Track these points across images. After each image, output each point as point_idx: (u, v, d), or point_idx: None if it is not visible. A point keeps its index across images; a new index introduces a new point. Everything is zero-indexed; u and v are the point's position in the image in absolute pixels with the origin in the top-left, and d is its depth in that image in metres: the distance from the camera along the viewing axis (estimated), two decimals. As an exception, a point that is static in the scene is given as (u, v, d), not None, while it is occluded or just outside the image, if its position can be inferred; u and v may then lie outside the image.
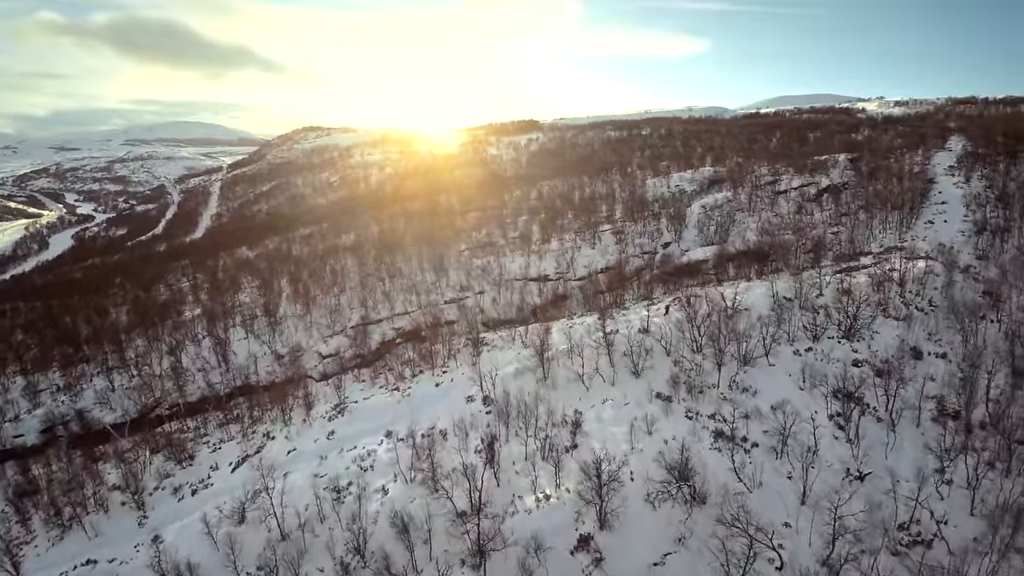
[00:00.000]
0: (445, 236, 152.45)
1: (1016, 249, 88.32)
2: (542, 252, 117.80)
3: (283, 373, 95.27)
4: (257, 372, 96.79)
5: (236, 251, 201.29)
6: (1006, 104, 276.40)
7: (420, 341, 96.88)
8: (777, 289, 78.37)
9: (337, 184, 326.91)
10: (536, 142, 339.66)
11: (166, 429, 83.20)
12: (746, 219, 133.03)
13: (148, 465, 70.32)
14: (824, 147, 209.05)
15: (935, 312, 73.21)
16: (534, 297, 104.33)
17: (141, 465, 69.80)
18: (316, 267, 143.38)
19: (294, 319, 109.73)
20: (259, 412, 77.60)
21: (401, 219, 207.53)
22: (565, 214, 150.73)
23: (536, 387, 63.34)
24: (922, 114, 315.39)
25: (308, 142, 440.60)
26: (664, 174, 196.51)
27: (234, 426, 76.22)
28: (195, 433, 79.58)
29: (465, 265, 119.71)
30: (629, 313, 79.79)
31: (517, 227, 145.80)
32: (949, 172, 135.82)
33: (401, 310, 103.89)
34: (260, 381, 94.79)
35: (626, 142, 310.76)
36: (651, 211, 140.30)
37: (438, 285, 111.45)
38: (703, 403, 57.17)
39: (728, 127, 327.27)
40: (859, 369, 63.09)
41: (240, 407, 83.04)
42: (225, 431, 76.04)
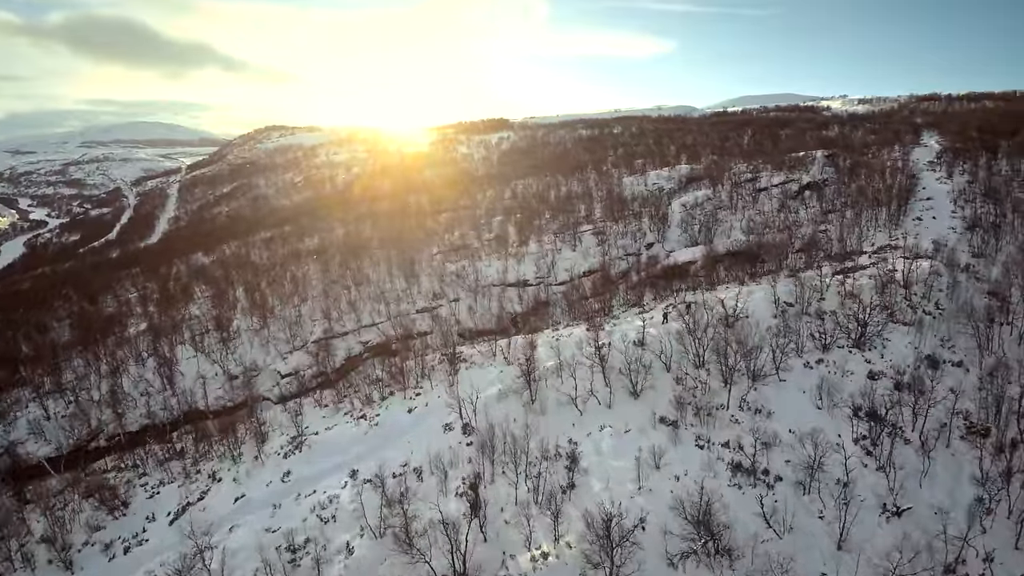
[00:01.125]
0: (416, 238, 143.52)
1: (1017, 247, 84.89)
2: (520, 255, 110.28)
3: (235, 397, 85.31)
4: (206, 396, 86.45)
5: (191, 257, 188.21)
6: (969, 100, 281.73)
7: (390, 355, 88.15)
8: (777, 294, 72.81)
9: (301, 185, 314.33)
10: (507, 141, 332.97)
11: (102, 466, 72.72)
12: (729, 218, 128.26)
13: (78, 514, 60.17)
14: (798, 144, 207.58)
15: (943, 316, 68.71)
16: (514, 304, 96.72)
17: (70, 513, 59.74)
18: (276, 274, 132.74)
19: (249, 334, 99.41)
20: (205, 446, 67.85)
21: (368, 221, 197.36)
22: (542, 214, 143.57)
23: (523, 412, 55.79)
24: (887, 111, 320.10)
25: (271, 142, 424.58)
26: (640, 172, 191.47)
27: (176, 464, 66.25)
28: (133, 472, 69.27)
29: (438, 270, 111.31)
30: (620, 322, 72.98)
31: (492, 228, 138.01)
32: (930, 168, 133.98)
33: (368, 321, 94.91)
34: (209, 407, 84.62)
35: (598, 140, 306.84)
36: (631, 210, 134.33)
37: (409, 293, 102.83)
38: (714, 428, 50.55)
39: (699, 125, 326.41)
40: (876, 382, 57.65)
41: (185, 439, 73.13)
42: (166, 470, 65.90)
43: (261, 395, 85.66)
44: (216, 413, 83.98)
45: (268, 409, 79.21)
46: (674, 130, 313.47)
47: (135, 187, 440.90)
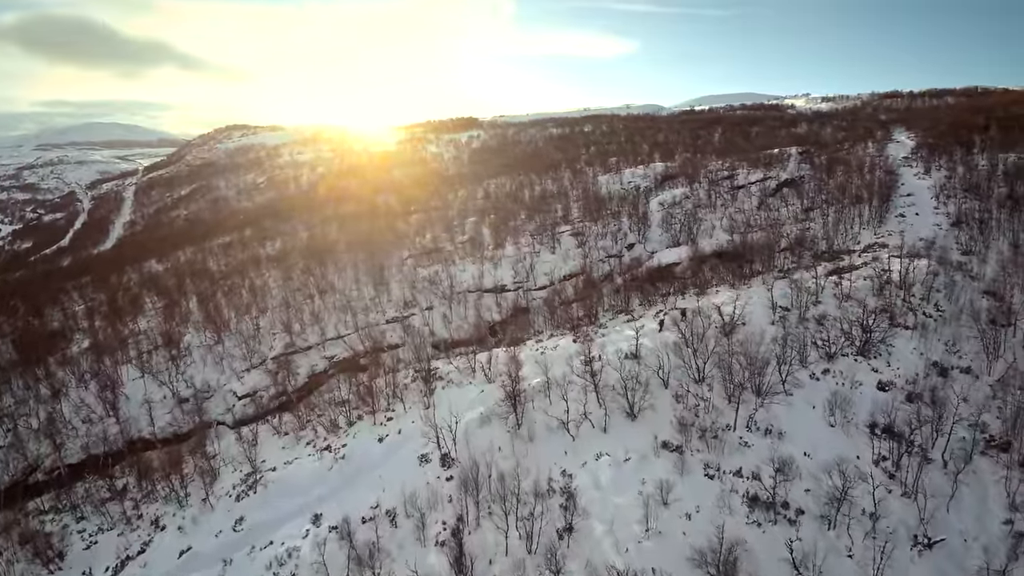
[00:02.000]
0: (385, 242, 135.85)
1: (1010, 245, 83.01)
2: (496, 258, 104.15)
3: (185, 423, 76.79)
4: (152, 423, 77.71)
5: (144, 264, 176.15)
6: (930, 96, 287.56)
7: (358, 371, 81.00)
8: (774, 298, 68.64)
9: (264, 186, 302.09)
10: (477, 139, 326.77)
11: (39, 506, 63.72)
12: (709, 216, 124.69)
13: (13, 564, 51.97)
14: (769, 142, 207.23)
15: (944, 318, 65.61)
16: (492, 312, 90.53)
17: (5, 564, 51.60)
18: (233, 283, 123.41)
19: (202, 350, 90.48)
20: (148, 484, 59.66)
21: (334, 223, 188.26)
22: (517, 215, 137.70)
23: (509, 439, 49.81)
24: (850, 109, 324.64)
25: (232, 141, 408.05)
26: (615, 170, 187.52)
27: (117, 507, 57.88)
28: (71, 515, 60.59)
29: (409, 276, 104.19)
30: (609, 331, 67.65)
31: (465, 230, 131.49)
32: (906, 164, 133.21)
33: (334, 334, 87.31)
34: (156, 435, 75.98)
35: (569, 139, 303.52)
36: (609, 210, 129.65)
37: (378, 301, 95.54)
38: (722, 454, 45.47)
39: (668, 123, 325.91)
40: (887, 395, 53.70)
41: (128, 475, 64.65)
42: (105, 514, 57.44)
43: (214, 420, 77.36)
44: (164, 442, 75.46)
45: (222, 437, 71.13)
46: (644, 128, 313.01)
47: (90, 191, 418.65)
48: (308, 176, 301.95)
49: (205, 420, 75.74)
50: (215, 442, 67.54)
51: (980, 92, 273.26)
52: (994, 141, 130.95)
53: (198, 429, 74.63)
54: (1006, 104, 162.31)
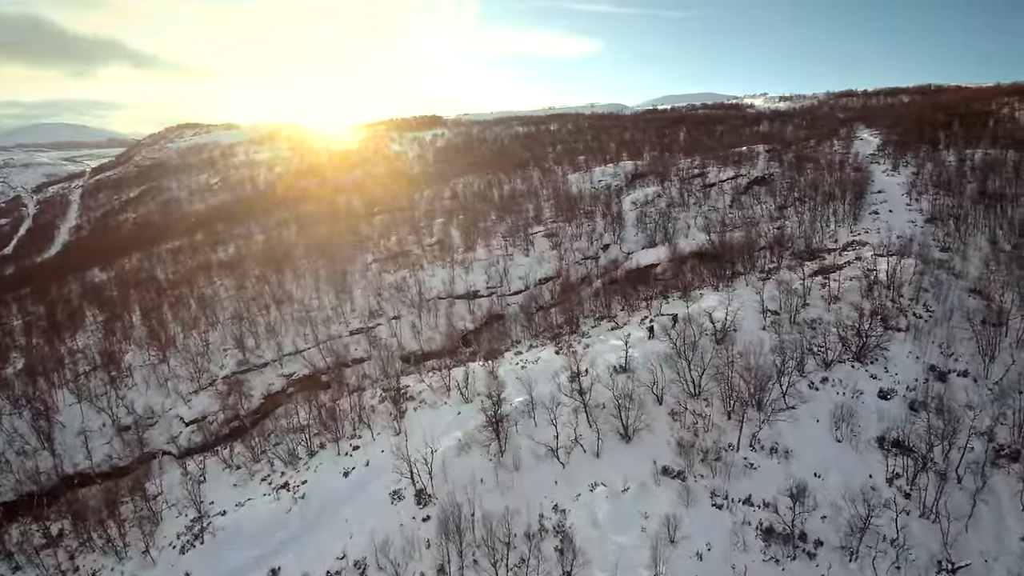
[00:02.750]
0: (347, 245, 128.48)
1: (988, 241, 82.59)
2: (467, 262, 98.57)
3: (127, 454, 68.67)
4: (90, 455, 69.25)
5: (89, 273, 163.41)
6: (885, 95, 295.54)
7: (320, 388, 74.34)
8: (763, 301, 65.55)
9: (217, 186, 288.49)
10: (441, 138, 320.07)
11: None
12: (684, 215, 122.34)
13: None
14: (735, 140, 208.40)
15: (934, 319, 63.65)
16: (464, 321, 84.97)
17: None
18: (181, 293, 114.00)
19: (145, 370, 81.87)
20: (84, 532, 51.70)
21: (292, 225, 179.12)
22: (487, 215, 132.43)
23: (492, 469, 44.54)
24: (807, 107, 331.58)
25: (184, 140, 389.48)
26: (584, 169, 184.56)
27: (50, 558, 49.83)
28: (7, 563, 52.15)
29: (374, 282, 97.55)
30: (593, 341, 63.12)
31: (433, 232, 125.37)
32: (874, 161, 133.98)
33: (291, 349, 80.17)
34: (95, 469, 67.63)
35: (535, 137, 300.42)
36: (582, 209, 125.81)
37: (340, 311, 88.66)
38: (728, 479, 41.34)
39: (633, 122, 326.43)
40: (889, 404, 50.89)
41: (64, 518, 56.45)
42: (40, 565, 49.34)
43: (158, 450, 69.57)
44: (104, 476, 67.34)
45: (167, 471, 63.54)
46: (610, 127, 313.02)
47: (36, 194, 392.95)
48: (265, 176, 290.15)
49: (148, 451, 67.93)
50: (158, 478, 59.93)
51: (934, 90, 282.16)
52: (958, 137, 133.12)
53: (140, 462, 66.80)
54: (966, 100, 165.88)
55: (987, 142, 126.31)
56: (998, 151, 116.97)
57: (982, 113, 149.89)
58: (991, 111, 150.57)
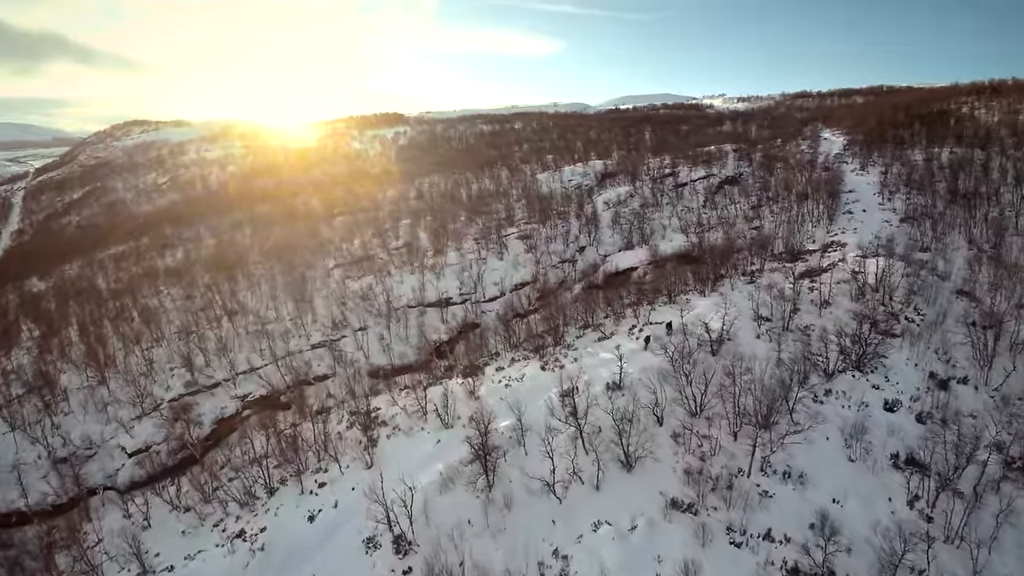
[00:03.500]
0: (306, 249, 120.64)
1: (966, 240, 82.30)
2: (438, 267, 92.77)
3: (65, 490, 60.18)
4: (26, 492, 60.44)
5: (28, 282, 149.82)
6: (839, 96, 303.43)
7: (279, 410, 67.52)
8: (756, 307, 62.50)
9: (166, 186, 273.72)
10: (404, 136, 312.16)
11: None
12: (658, 215, 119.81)
13: None
14: (701, 139, 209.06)
15: (926, 323, 61.90)
16: (438, 331, 79.20)
17: None
18: (123, 304, 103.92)
19: (83, 393, 72.89)
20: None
21: (246, 227, 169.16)
22: (456, 216, 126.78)
23: (480, 509, 39.36)
24: (765, 108, 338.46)
25: (131, 138, 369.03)
26: (553, 168, 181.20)
27: None
28: None
29: (337, 291, 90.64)
30: (581, 354, 58.60)
31: (399, 234, 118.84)
32: (841, 161, 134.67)
33: (246, 367, 72.73)
34: (30, 507, 59.02)
35: (501, 136, 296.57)
36: (555, 210, 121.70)
37: (300, 323, 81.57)
38: (744, 510, 37.42)
39: (598, 121, 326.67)
40: (896, 417, 48.28)
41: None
42: None
43: (99, 486, 61.37)
44: (42, 515, 58.99)
45: (109, 510, 55.75)
46: (575, 126, 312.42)
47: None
48: (217, 175, 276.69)
49: (88, 487, 59.79)
50: (99, 519, 52.44)
51: (886, 90, 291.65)
52: (921, 136, 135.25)
53: (79, 499, 58.70)
54: (926, 100, 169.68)
55: (951, 141, 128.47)
56: (964, 150, 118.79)
57: (942, 112, 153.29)
58: (950, 110, 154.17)
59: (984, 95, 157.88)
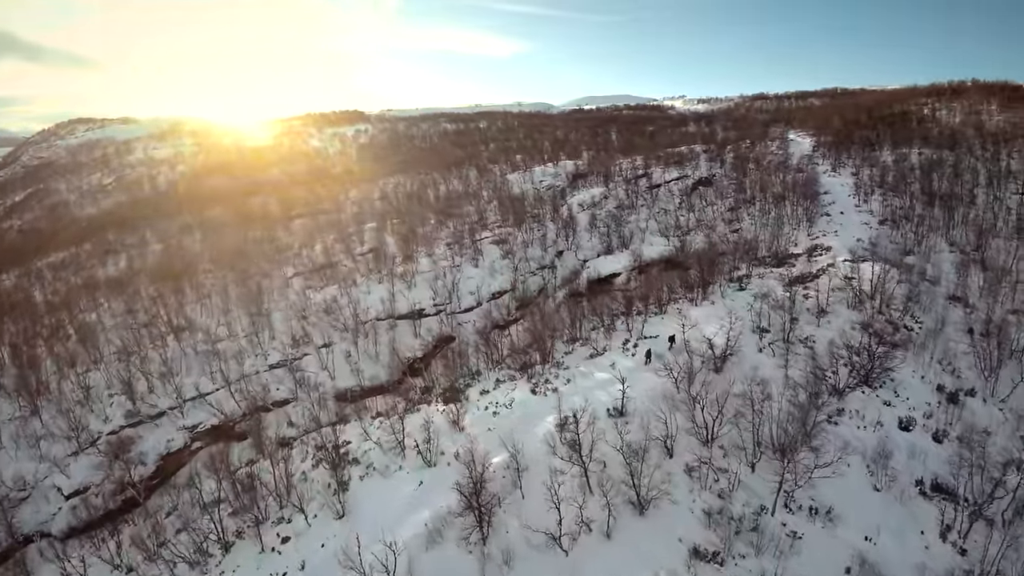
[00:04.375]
0: (262, 256, 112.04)
1: (948, 244, 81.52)
2: (408, 275, 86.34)
3: None
4: None
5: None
6: (796, 98, 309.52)
7: (233, 441, 60.18)
8: (758, 318, 59.06)
9: (112, 187, 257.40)
10: (365, 134, 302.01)
11: None
12: (635, 218, 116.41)
13: None
14: (669, 140, 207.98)
15: (925, 331, 59.76)
16: (411, 346, 72.92)
17: None
18: (59, 321, 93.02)
19: (15, 425, 63.28)
20: None
21: (197, 232, 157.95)
22: (425, 219, 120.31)
23: (477, 568, 33.86)
24: (725, 109, 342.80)
25: (75, 137, 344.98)
26: (523, 169, 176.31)
27: None
28: None
29: (297, 303, 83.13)
30: (574, 374, 53.65)
31: (364, 239, 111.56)
32: (812, 162, 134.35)
33: (194, 392, 64.74)
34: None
35: (465, 135, 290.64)
36: (530, 213, 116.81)
37: (256, 341, 73.88)
38: (775, 557, 33.18)
39: (564, 121, 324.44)
40: (912, 436, 45.32)
41: None
42: None
43: (34, 533, 52.78)
44: None
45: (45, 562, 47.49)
46: (541, 125, 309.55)
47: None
48: (166, 175, 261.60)
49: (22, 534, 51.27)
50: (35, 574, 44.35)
51: (840, 92, 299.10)
52: (886, 138, 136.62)
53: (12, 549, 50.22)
54: (887, 102, 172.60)
55: (918, 142, 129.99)
56: (932, 151, 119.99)
57: (904, 114, 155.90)
58: (911, 112, 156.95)
59: (945, 96, 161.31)
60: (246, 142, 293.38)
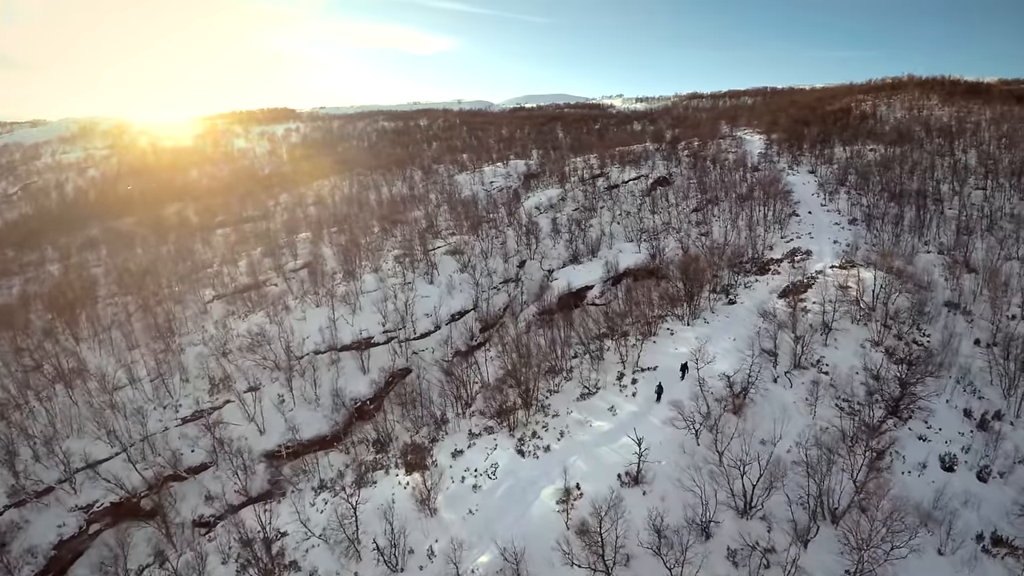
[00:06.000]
0: (176, 275, 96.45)
1: (923, 243, 78.46)
2: (351, 296, 74.53)
3: None
4: None
5: None
6: (728, 96, 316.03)
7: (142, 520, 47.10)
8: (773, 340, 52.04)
9: (17, 197, 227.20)
10: (296, 132, 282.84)
11: None
12: (596, 221, 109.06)
13: None
14: (618, 139, 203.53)
15: (933, 344, 54.87)
16: (357, 383, 61.31)
17: None
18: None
19: None
20: None
21: (102, 247, 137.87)
22: (368, 227, 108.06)
23: None
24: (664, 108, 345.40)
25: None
26: (472, 169, 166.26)
27: None
28: None
29: (217, 336, 69.53)
30: (566, 422, 44.25)
31: (298, 252, 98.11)
32: (769, 160, 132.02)
33: (85, 460, 50.60)
34: None
35: (406, 133, 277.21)
36: (484, 217, 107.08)
37: (165, 387, 60.08)
38: None
39: (508, 120, 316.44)
40: (956, 477, 39.25)
41: None
42: None
43: None
44: None
45: None
46: (485, 123, 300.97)
47: None
48: (77, 181, 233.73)
49: None
50: None
51: (771, 91, 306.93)
52: (836, 135, 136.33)
53: None
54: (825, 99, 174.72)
55: (866, 139, 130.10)
56: (884, 147, 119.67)
57: (845, 111, 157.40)
58: (851, 109, 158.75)
59: (884, 92, 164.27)
60: (165, 143, 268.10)
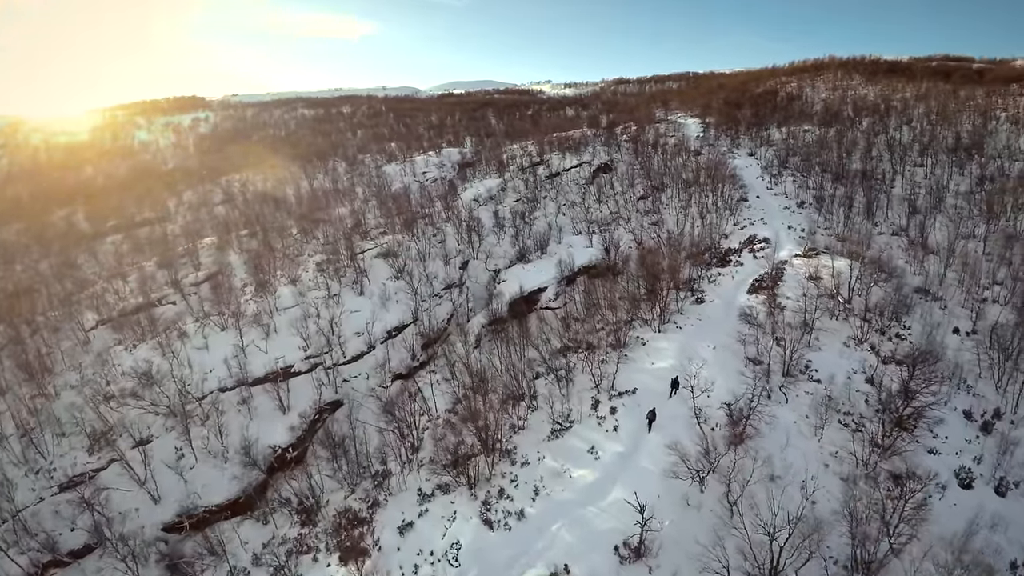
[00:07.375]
0: (53, 298, 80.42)
1: (873, 225, 76.47)
2: (265, 315, 62.87)
3: None
4: None
5: None
6: (655, 82, 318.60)
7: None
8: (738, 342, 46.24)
9: None
10: (206, 122, 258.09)
11: None
12: (540, 213, 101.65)
13: None
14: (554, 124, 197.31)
15: (913, 338, 51.38)
16: (274, 430, 50.38)
17: None
18: None
19: None
20: None
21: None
22: (285, 229, 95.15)
23: None
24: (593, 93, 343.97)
25: None
26: (402, 159, 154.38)
27: None
28: None
29: (99, 375, 56.29)
30: (539, 471, 36.22)
31: (200, 262, 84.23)
32: (707, 143, 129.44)
33: None
34: None
35: (328, 121, 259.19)
36: (419, 212, 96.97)
37: (34, 446, 46.71)
38: None
39: (438, 106, 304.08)
40: (975, 495, 34.95)
41: None
42: None
43: None
44: None
45: None
46: (412, 110, 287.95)
47: None
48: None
49: None
50: None
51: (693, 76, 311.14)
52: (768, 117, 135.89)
53: None
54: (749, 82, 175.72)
55: (797, 119, 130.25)
56: (817, 128, 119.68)
57: (771, 93, 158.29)
58: (777, 91, 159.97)
59: (808, 74, 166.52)
60: (57, 139, 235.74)
